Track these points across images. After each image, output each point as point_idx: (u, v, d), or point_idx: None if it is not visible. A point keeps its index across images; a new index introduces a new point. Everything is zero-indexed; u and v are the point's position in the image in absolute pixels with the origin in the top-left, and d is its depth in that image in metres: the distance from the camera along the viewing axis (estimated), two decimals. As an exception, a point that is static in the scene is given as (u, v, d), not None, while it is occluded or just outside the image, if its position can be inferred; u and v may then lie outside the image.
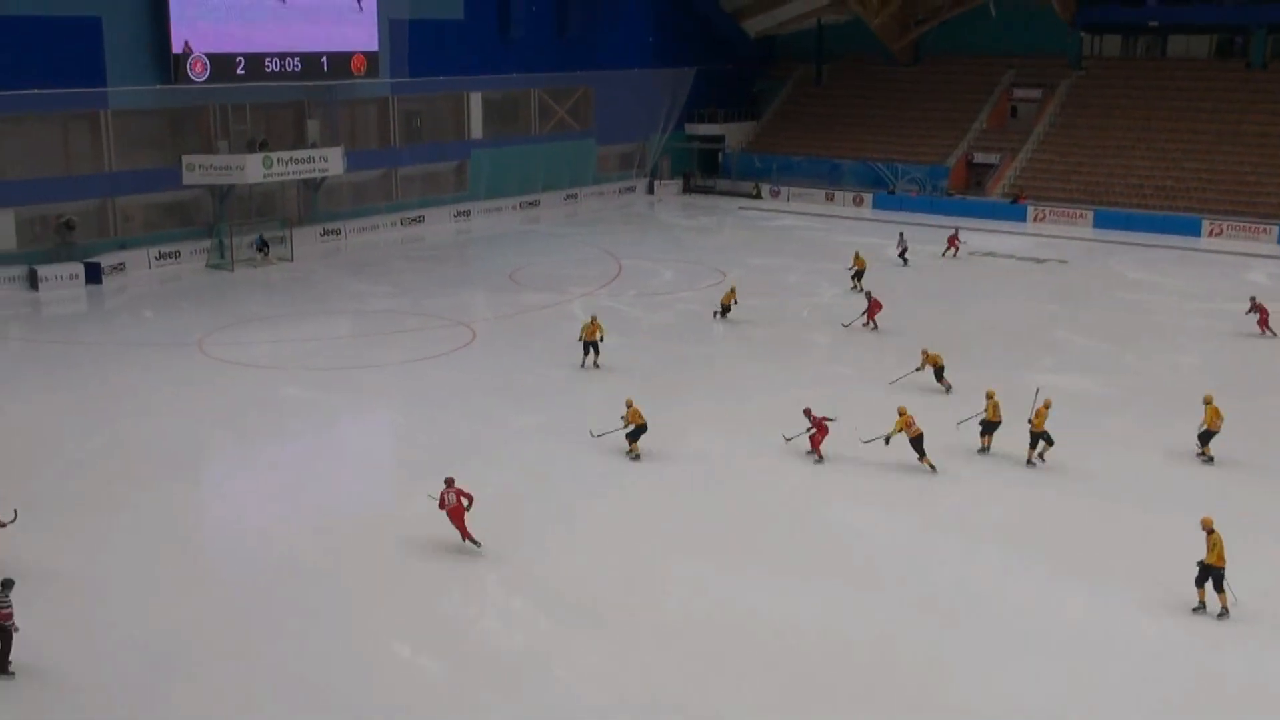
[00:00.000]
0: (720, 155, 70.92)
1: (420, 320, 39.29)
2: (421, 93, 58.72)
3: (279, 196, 53.38)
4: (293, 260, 49.52)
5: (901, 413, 25.63)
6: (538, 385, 31.83)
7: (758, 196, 66.91)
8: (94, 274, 45.10)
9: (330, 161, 51.33)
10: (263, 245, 48.36)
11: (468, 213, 59.93)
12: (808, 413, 26.30)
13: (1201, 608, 19.71)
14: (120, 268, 46.35)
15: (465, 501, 21.54)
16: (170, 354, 35.53)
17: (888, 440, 25.67)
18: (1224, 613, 19.53)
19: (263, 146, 49.81)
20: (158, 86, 47.87)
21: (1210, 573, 19.57)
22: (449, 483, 21.83)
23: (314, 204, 54.46)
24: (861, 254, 45.08)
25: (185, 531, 23.02)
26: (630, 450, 26.13)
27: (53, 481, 25.29)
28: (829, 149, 67.59)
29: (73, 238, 45.67)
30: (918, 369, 30.86)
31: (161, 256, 48.11)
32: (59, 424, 28.98)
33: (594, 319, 33.84)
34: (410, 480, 25.23)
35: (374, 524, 23.08)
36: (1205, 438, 25.87)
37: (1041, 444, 25.65)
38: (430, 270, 48.35)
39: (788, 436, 26.91)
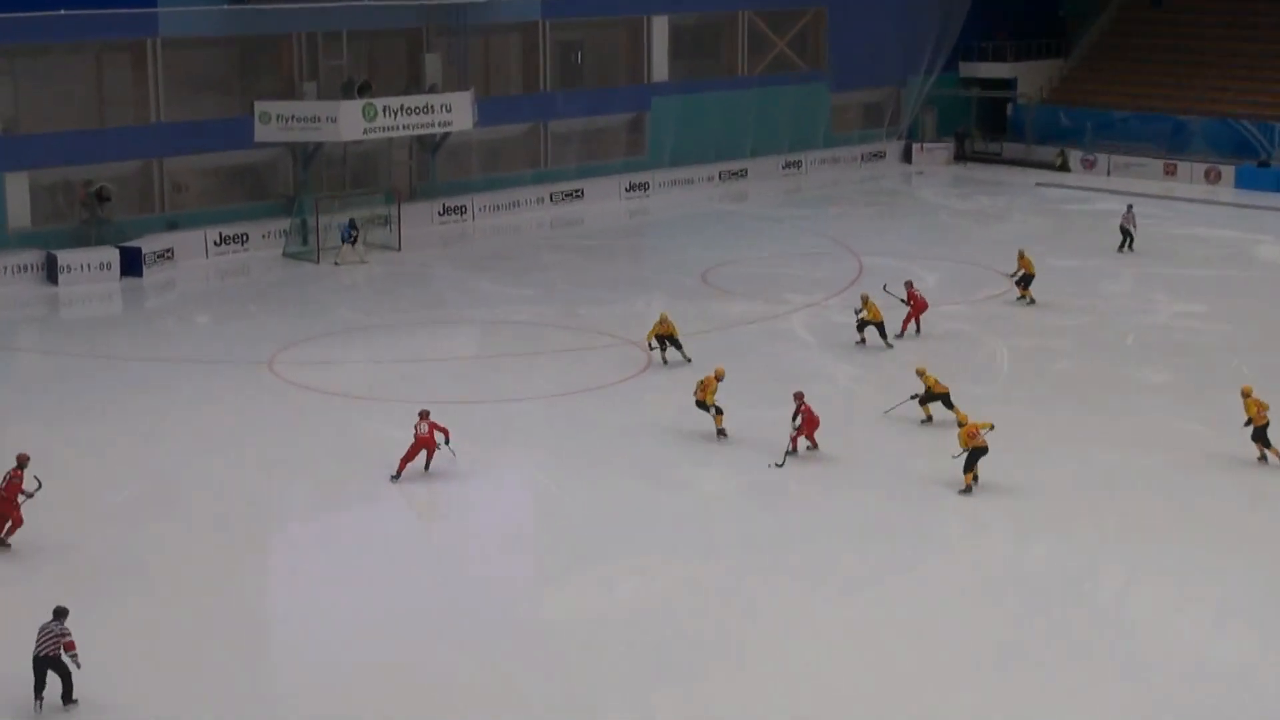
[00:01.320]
0: (1009, 108, 69.99)
1: (575, 337, 39.43)
2: (584, 15, 59.46)
3: (383, 160, 54.62)
4: (399, 249, 50.49)
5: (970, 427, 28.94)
6: (738, 433, 31.61)
7: (1063, 168, 65.68)
8: (132, 263, 46.77)
9: (455, 112, 52.30)
10: (352, 231, 49.22)
11: (644, 186, 60.30)
12: (798, 397, 30.29)
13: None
14: (167, 255, 48.00)
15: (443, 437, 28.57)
16: (230, 376, 36.49)
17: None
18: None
19: (363, 91, 51.02)
20: (223, 6, 49.65)
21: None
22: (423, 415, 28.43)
23: (431, 171, 55.53)
24: (1028, 254, 43.83)
25: (248, 645, 23.52)
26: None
27: (67, 555, 26.06)
28: (1171, 100, 65.94)
29: (106, 213, 47.50)
30: None
31: (223, 240, 49.69)
32: (77, 471, 29.64)
33: (664, 317, 36.59)
34: (561, 569, 25.71)
35: (512, 632, 23.26)
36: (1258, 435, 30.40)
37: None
38: (590, 266, 48.68)
39: (778, 464, 30.03)
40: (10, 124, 47.41)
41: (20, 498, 25.85)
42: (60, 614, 21.13)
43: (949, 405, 31.91)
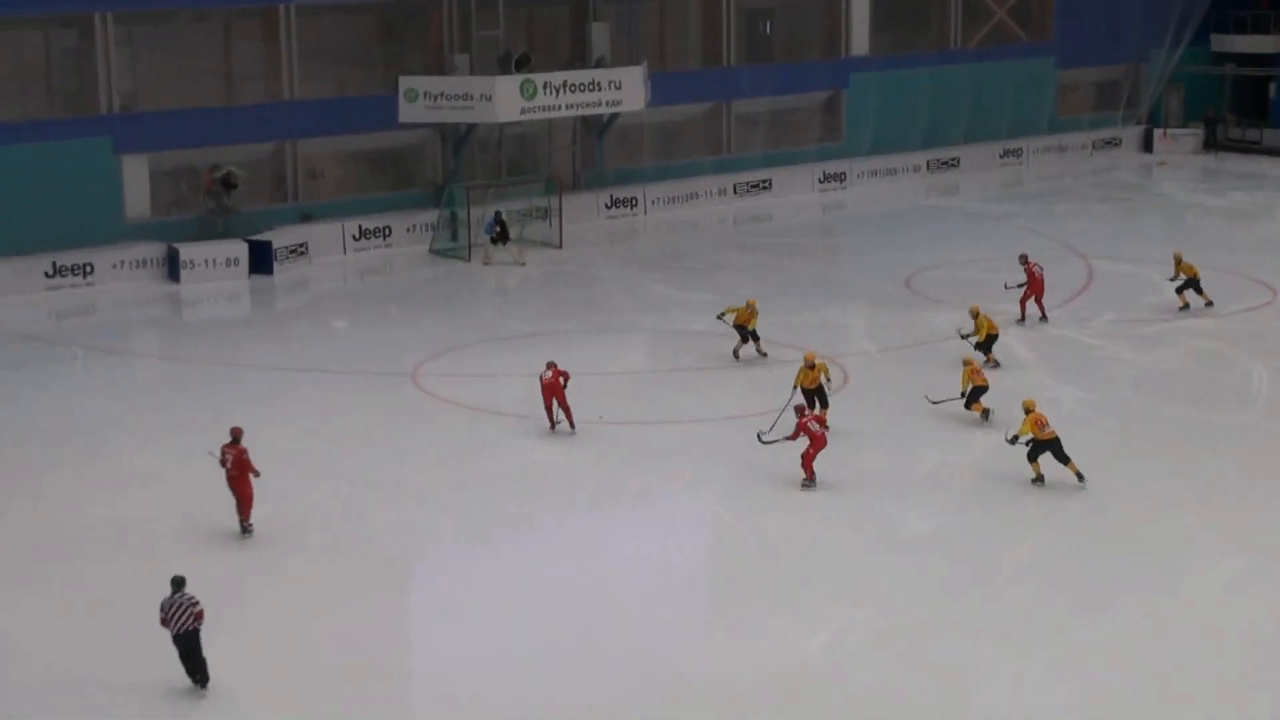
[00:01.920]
0: (1271, 88, 68.95)
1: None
2: (775, -23, 59.77)
3: (543, 145, 55.19)
4: (560, 246, 51.00)
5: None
6: (935, 469, 31.62)
7: (1338, 160, 64.57)
8: (262, 259, 47.81)
9: (625, 90, 52.70)
10: (498, 228, 49.44)
11: (840, 176, 60.29)
12: (800, 410, 30.92)
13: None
14: (300, 250, 48.99)
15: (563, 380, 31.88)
16: (369, 389, 37.13)
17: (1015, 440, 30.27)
18: None
19: (521, 65, 51.55)
20: (365, -32, 50.80)
21: None
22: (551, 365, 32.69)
23: (597, 158, 55.97)
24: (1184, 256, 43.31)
25: (374, 683, 23.83)
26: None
27: (214, 579, 26.74)
28: None
29: (233, 202, 48.55)
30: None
31: (362, 234, 50.60)
32: (195, 492, 29.99)
33: (752, 305, 38.21)
34: (737, 617, 25.52)
35: (673, 687, 23.27)
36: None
37: None
38: (778, 268, 48.77)
39: (764, 439, 31.31)
40: (128, 101, 48.57)
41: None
42: (179, 583, 22.71)
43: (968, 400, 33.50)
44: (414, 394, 36.63)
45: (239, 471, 28.06)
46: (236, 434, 28.30)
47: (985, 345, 37.50)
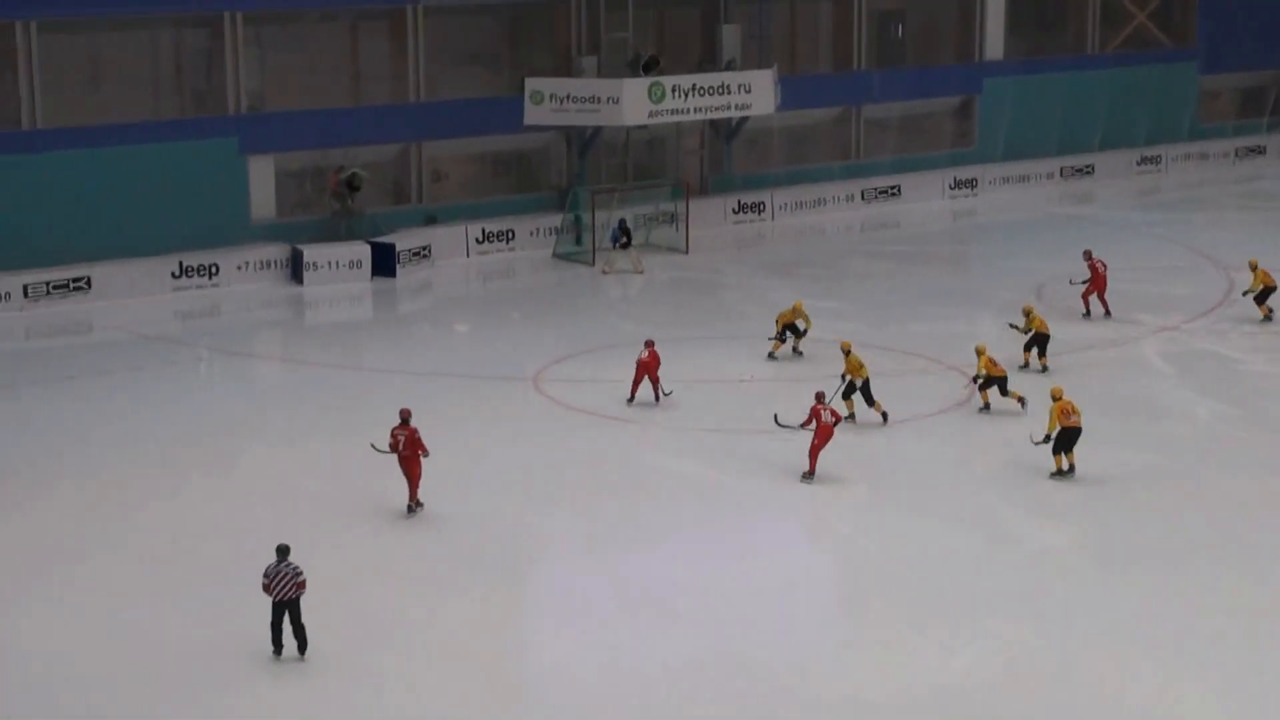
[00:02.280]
0: None
1: (887, 359, 39.17)
2: (908, -22, 59.55)
3: (670, 149, 55.25)
4: (686, 252, 51.09)
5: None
6: (1065, 482, 31.38)
7: None
8: (384, 261, 48.26)
9: (755, 94, 52.65)
10: (621, 236, 49.32)
11: (972, 183, 59.97)
12: (820, 397, 31.57)
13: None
14: (423, 254, 49.38)
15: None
16: (490, 393, 37.47)
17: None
18: None
19: (649, 67, 51.70)
20: (495, -31, 51.13)
21: None
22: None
23: (725, 162, 55.96)
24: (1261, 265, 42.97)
25: (492, 697, 23.98)
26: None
27: (331, 578, 26.98)
28: None
29: (357, 204, 49.02)
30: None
31: (485, 238, 50.94)
32: (313, 496, 30.81)
33: (798, 306, 39.55)
34: (864, 635, 25.48)
35: (801, 709, 23.16)
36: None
37: None
38: (907, 276, 48.65)
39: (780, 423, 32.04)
40: (255, 101, 49.16)
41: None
42: (284, 551, 24.00)
43: (1005, 391, 34.72)
44: (535, 399, 36.91)
45: (410, 451, 29.42)
46: (405, 415, 29.60)
47: (1035, 344, 37.93)
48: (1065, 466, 31.26)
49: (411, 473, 29.58)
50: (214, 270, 46.56)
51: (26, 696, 23.07)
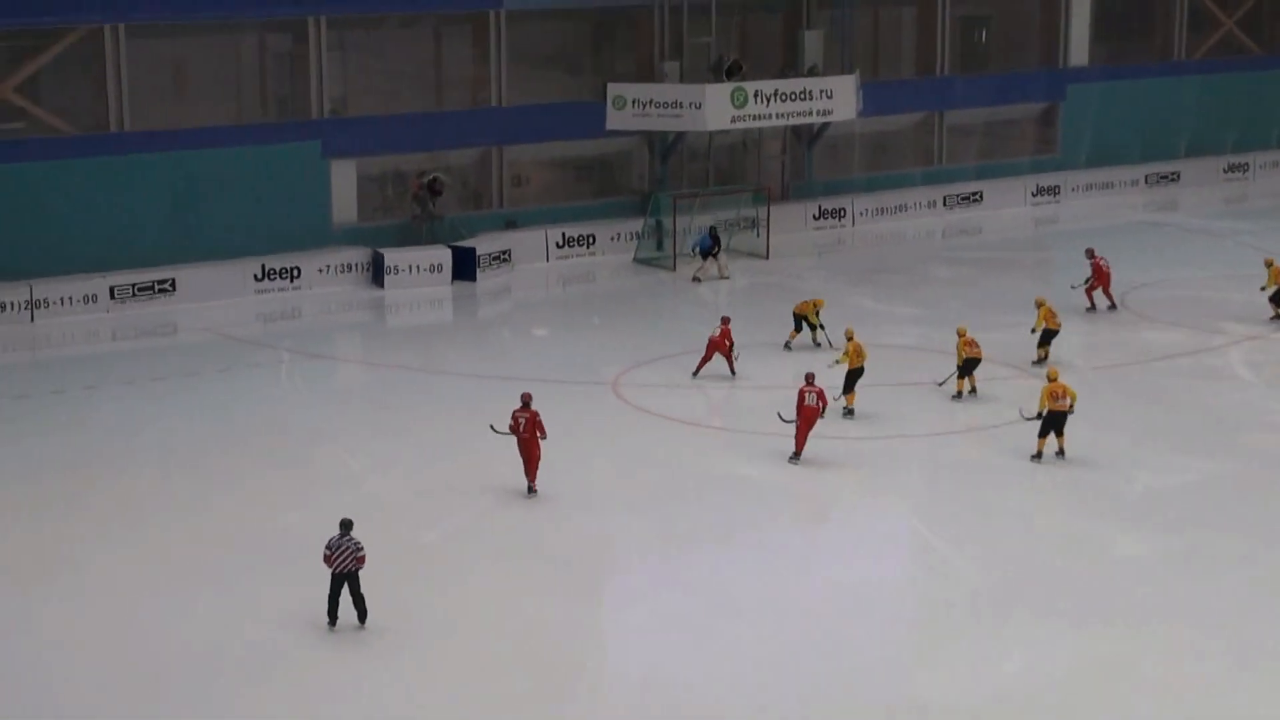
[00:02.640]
0: None
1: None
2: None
3: (751, 155, 55.62)
4: (767, 257, 51.48)
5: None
6: (1147, 492, 31.67)
7: None
8: (465, 265, 48.75)
9: (837, 99, 52.87)
10: (714, 246, 49.18)
11: (1054, 190, 59.99)
12: (809, 379, 32.72)
13: None
14: (503, 258, 49.90)
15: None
16: (569, 398, 37.59)
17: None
18: None
19: (731, 73, 52.03)
20: (578, -25, 51.72)
21: None
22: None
23: (807, 168, 56.29)
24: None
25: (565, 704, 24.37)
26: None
27: (379, 602, 27.41)
28: None
29: (438, 209, 49.60)
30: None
31: (566, 242, 51.45)
32: (390, 498, 31.38)
33: (817, 302, 41.26)
34: (940, 639, 25.63)
35: (882, 716, 23.36)
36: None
37: None
38: (987, 283, 48.81)
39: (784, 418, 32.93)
40: (338, 105, 49.89)
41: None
42: (347, 526, 25.41)
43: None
44: (614, 404, 37.31)
45: (530, 434, 30.77)
46: (527, 398, 31.24)
47: (1045, 338, 39.00)
48: (1049, 451, 32.32)
49: (531, 455, 30.83)
50: (296, 273, 47.36)
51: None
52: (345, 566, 25.15)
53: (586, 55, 54.24)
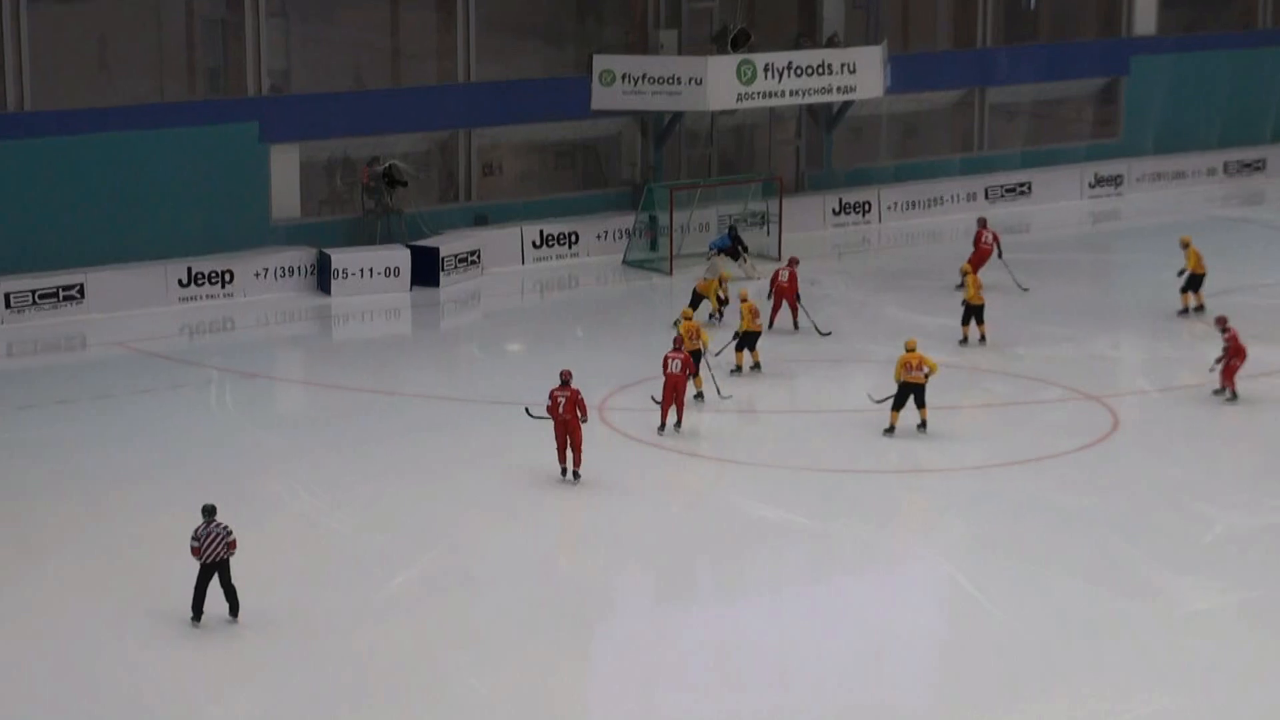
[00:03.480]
0: None
1: (1012, 386, 39.27)
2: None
3: (761, 138, 55.21)
4: (779, 258, 50.62)
5: None
6: (1223, 537, 31.23)
7: None
8: (426, 268, 48.19)
9: (860, 74, 52.62)
10: (742, 251, 48.91)
11: (1116, 180, 59.81)
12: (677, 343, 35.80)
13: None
14: (471, 259, 49.33)
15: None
16: (547, 424, 37.02)
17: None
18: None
19: (738, 43, 51.43)
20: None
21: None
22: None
23: (825, 155, 55.87)
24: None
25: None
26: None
27: (335, 652, 26.84)
28: None
29: (396, 202, 48.89)
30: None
31: (544, 241, 50.94)
32: (343, 542, 31.00)
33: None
34: (979, 700, 25.43)
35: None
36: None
37: None
38: (1037, 289, 48.38)
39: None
40: (279, 81, 49.31)
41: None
42: (210, 511, 26.41)
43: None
44: (601, 431, 36.54)
45: (571, 414, 32.42)
46: (566, 376, 32.71)
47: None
48: (910, 424, 35.03)
49: (574, 437, 32.48)
50: (228, 278, 46.70)
51: None
52: (216, 555, 26.08)
53: (569, 22, 53.88)
